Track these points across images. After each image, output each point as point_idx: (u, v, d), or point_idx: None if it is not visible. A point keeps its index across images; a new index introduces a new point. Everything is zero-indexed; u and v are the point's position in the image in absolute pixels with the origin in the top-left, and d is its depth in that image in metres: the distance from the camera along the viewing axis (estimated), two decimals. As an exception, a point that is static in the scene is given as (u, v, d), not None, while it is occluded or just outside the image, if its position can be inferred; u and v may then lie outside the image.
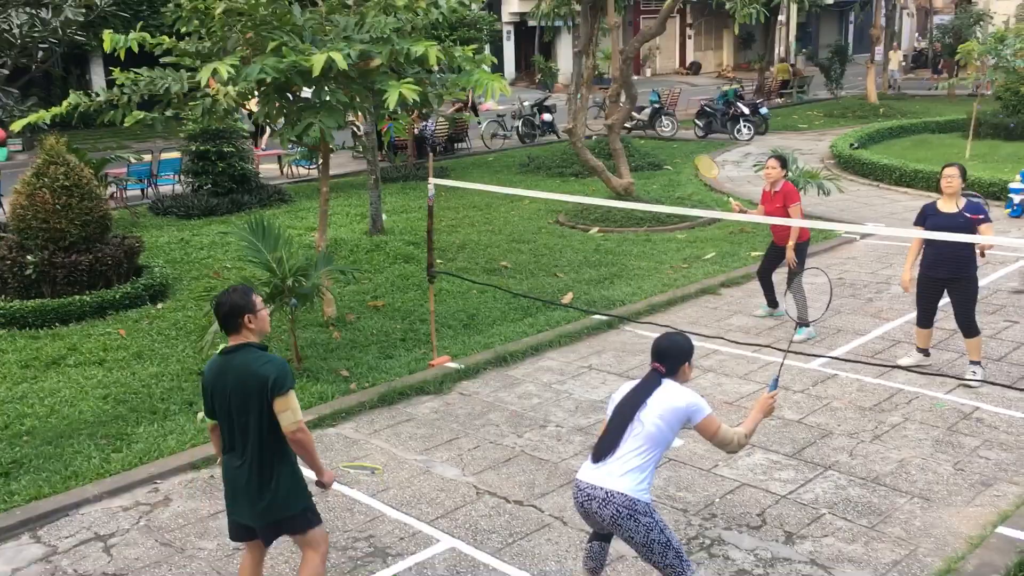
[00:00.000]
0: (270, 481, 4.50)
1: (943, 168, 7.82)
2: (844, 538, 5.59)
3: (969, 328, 7.76)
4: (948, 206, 7.65)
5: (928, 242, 7.70)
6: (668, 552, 4.39)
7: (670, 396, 4.43)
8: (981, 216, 7.58)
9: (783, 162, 9.08)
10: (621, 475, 4.37)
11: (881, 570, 5.26)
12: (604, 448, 4.46)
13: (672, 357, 4.54)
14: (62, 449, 7.01)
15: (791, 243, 8.91)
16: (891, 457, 6.58)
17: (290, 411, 4.41)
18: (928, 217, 7.73)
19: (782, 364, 5.30)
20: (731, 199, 11.07)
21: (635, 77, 24.82)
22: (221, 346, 4.69)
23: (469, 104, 24.94)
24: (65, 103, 8.88)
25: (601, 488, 4.38)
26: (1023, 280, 10.27)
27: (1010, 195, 14.61)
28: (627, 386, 4.62)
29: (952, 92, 30.53)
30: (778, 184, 9.02)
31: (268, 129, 18.96)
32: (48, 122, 8.90)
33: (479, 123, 24.14)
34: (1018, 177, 14.81)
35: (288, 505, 4.56)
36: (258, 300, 4.63)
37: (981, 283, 10.44)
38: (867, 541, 5.55)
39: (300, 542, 4.70)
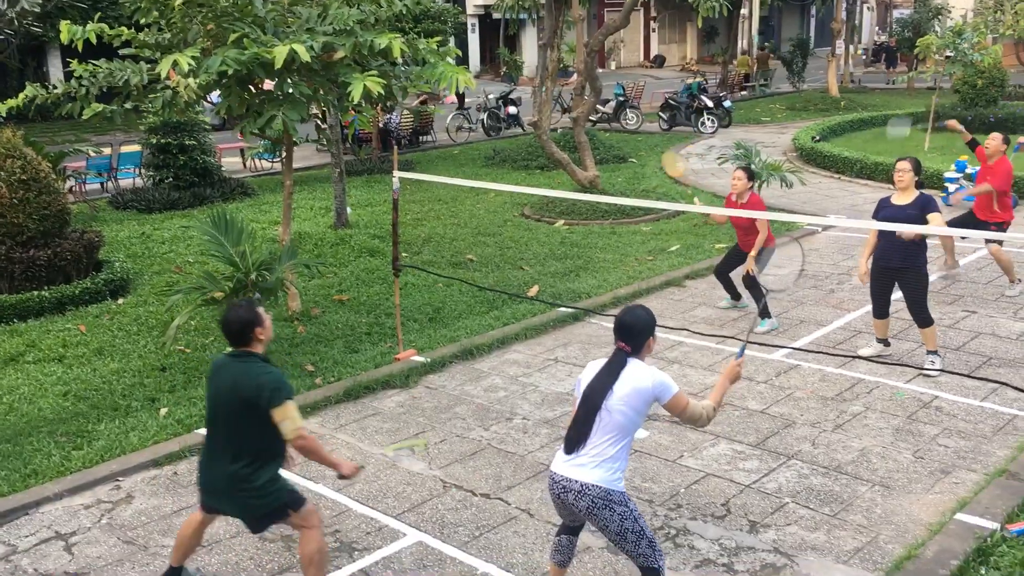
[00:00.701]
0: (247, 486, 4.65)
1: (896, 162, 7.94)
2: (807, 526, 5.67)
3: (923, 318, 7.88)
4: (901, 199, 7.78)
5: (880, 234, 7.84)
6: (641, 541, 4.42)
7: (636, 379, 4.38)
8: (931, 210, 7.67)
9: (750, 174, 8.97)
10: (594, 467, 4.37)
11: (843, 557, 5.34)
12: (574, 440, 4.44)
13: (636, 332, 4.47)
14: (21, 447, 6.90)
15: (754, 253, 8.91)
16: (852, 446, 6.67)
17: (289, 420, 4.56)
18: (882, 210, 7.88)
19: (749, 332, 5.33)
20: (696, 199, 11.15)
21: (600, 70, 24.85)
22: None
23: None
24: (21, 95, 8.73)
25: (576, 481, 4.38)
26: (944, 268, 10.59)
27: (946, 184, 15.12)
28: (594, 366, 4.58)
29: (911, 85, 30.96)
30: (744, 195, 8.95)
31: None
32: (4, 115, 8.75)
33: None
34: (953, 167, 15.31)
35: (266, 504, 4.71)
36: (262, 311, 4.82)
37: (940, 274, 10.62)
38: (829, 529, 5.63)
39: (291, 525, 4.86)
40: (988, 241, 10.00)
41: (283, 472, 4.85)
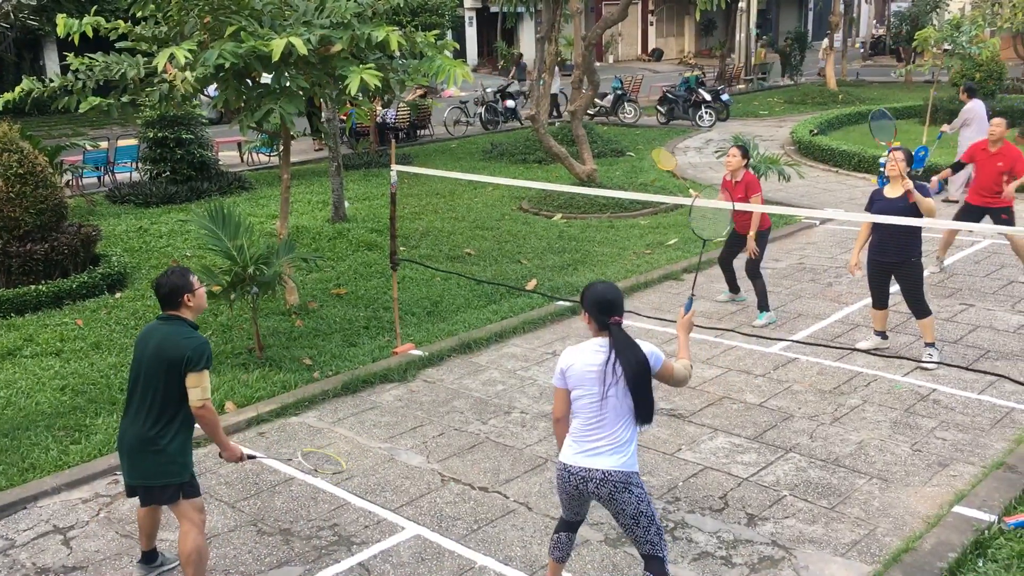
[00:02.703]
0: (156, 448, 4.76)
1: (888, 152, 7.96)
2: (805, 519, 5.67)
3: (920, 310, 7.90)
4: (892, 191, 7.78)
5: (875, 227, 7.87)
6: (652, 527, 4.41)
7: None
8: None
9: (744, 151, 9.07)
10: (611, 452, 4.35)
11: (841, 550, 5.34)
12: (592, 434, 4.38)
13: (620, 304, 4.40)
14: (19, 441, 6.89)
15: (752, 232, 8.97)
16: (850, 439, 6.68)
17: (200, 388, 4.72)
18: (875, 202, 7.89)
19: (695, 277, 5.42)
20: (691, 190, 11.13)
21: (597, 63, 24.81)
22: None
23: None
24: (18, 89, 8.71)
25: (598, 470, 4.35)
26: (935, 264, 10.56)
27: (880, 168, 15.06)
28: (587, 354, 4.42)
29: (909, 78, 30.92)
30: (739, 173, 9.02)
31: None
32: (0, 109, 8.72)
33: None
34: (886, 152, 15.18)
35: (166, 474, 4.82)
36: (195, 279, 4.96)
37: (932, 269, 10.62)
38: (827, 522, 5.64)
39: (174, 512, 4.94)
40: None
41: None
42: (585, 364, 4.41)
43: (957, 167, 10.86)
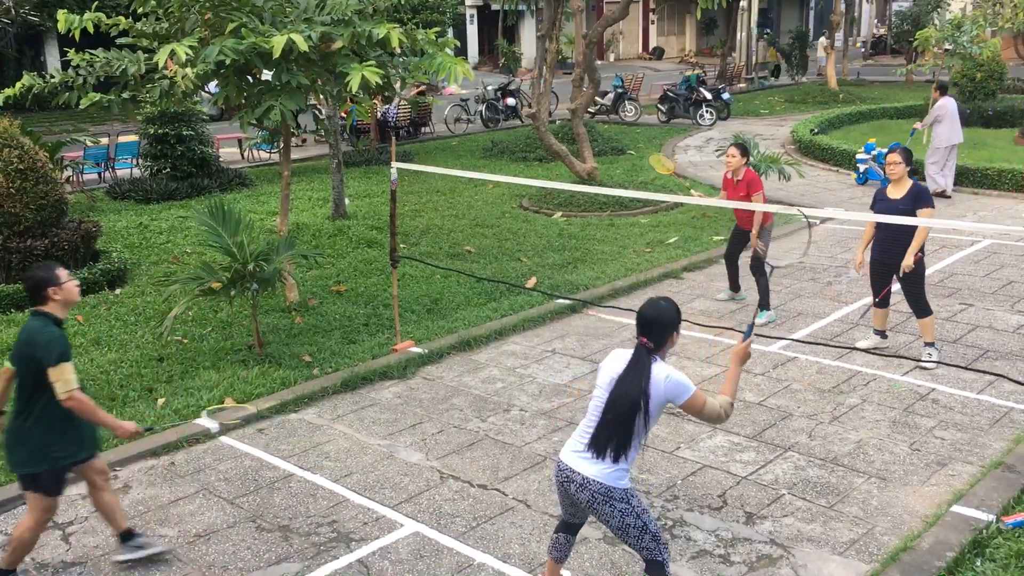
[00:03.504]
0: (22, 438, 4.96)
1: (886, 154, 7.96)
2: (803, 518, 5.68)
3: (920, 309, 7.90)
4: (895, 192, 7.79)
5: (877, 226, 7.88)
6: (644, 536, 4.39)
7: (656, 384, 4.24)
8: (922, 204, 7.66)
9: (743, 149, 9.08)
10: (597, 461, 4.32)
11: (839, 548, 5.35)
12: (601, 443, 4.33)
13: (659, 327, 4.28)
14: (18, 437, 6.89)
15: (755, 229, 8.97)
16: (849, 438, 6.68)
17: (61, 382, 4.79)
18: (877, 202, 7.91)
19: (756, 312, 5.33)
20: (694, 191, 11.13)
21: (598, 62, 24.79)
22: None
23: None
24: (19, 84, 8.71)
25: (579, 473, 4.35)
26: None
27: (857, 164, 15.75)
28: (618, 358, 4.40)
29: (910, 78, 30.92)
30: (740, 172, 9.03)
31: None
32: (1, 104, 8.73)
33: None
34: (862, 149, 15.86)
35: (28, 463, 4.98)
36: (63, 273, 4.99)
37: (937, 267, 10.64)
38: (825, 520, 5.64)
39: (28, 500, 5.11)
40: None
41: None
42: (610, 368, 4.40)
43: None
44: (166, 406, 7.33)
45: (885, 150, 14.87)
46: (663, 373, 4.26)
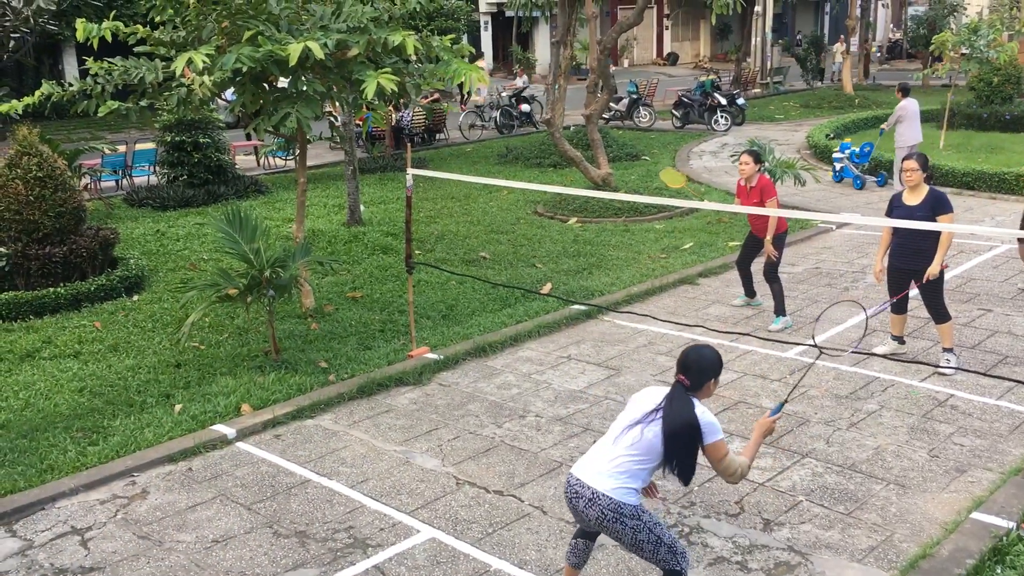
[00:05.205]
0: None
1: (903, 161, 7.92)
2: (821, 525, 5.65)
3: (940, 314, 7.85)
4: (911, 199, 7.74)
5: (895, 232, 7.82)
6: (659, 548, 4.34)
7: (684, 414, 4.26)
8: (941, 210, 7.60)
9: (756, 157, 9.05)
10: (609, 475, 4.30)
11: (857, 556, 5.31)
12: (602, 450, 4.38)
13: (698, 371, 4.36)
14: (37, 442, 6.94)
15: (769, 236, 8.94)
16: (867, 444, 6.64)
17: None
18: (894, 209, 7.86)
19: (793, 388, 5.31)
20: (704, 199, 11.07)
21: (613, 68, 24.79)
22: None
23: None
24: (38, 93, 8.77)
25: (588, 487, 4.32)
26: None
27: (833, 163, 16.38)
28: (653, 398, 4.42)
29: (926, 82, 30.77)
30: (753, 179, 9.00)
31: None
32: (20, 112, 8.79)
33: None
34: (838, 148, 16.49)
35: None
36: None
37: (955, 272, 10.57)
38: (844, 527, 5.61)
39: None
40: None
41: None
42: (644, 403, 4.43)
43: None
44: (183, 412, 7.37)
45: (857, 149, 16.25)
46: (699, 409, 4.30)
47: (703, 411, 4.31)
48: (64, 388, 8.00)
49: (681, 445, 4.26)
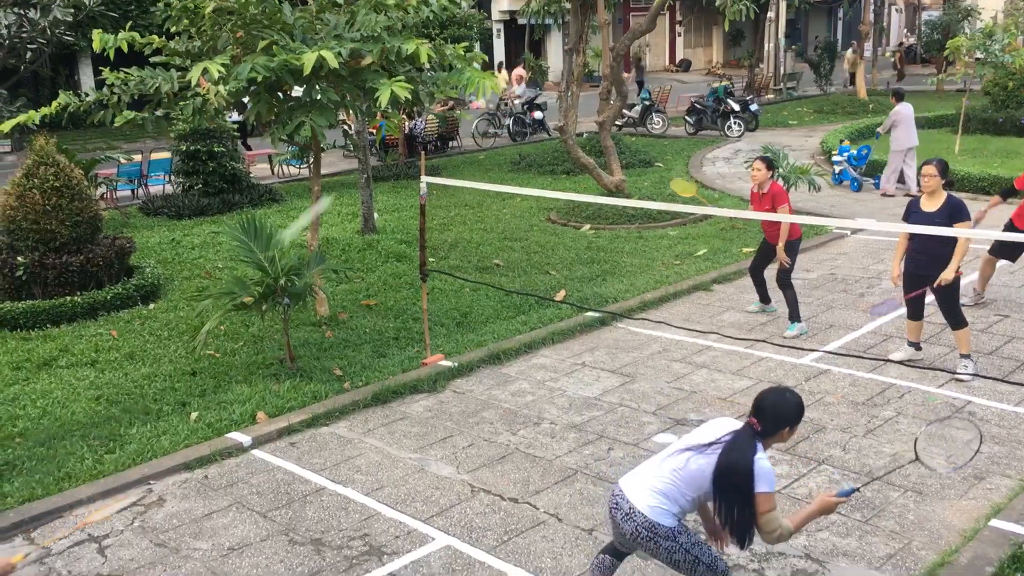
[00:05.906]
0: None
1: (921, 166, 7.87)
2: (838, 532, 5.61)
3: (956, 321, 7.80)
4: (929, 205, 7.70)
5: (911, 237, 7.77)
6: (698, 567, 4.27)
7: (740, 456, 4.14)
8: (959, 217, 7.54)
9: (769, 163, 9.02)
10: (649, 493, 4.25)
11: (875, 564, 5.28)
12: (650, 467, 4.33)
13: (774, 417, 4.16)
14: (55, 450, 6.99)
15: (781, 243, 8.91)
16: (884, 451, 6.61)
17: None
18: (911, 214, 7.80)
19: (866, 484, 5.20)
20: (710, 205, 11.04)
21: (626, 75, 24.76)
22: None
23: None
24: (54, 103, 8.84)
25: (628, 501, 4.28)
26: (974, 295, 9.81)
27: (833, 166, 16.78)
28: (722, 429, 4.29)
29: (941, 87, 30.64)
30: (765, 185, 8.97)
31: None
32: (37, 123, 8.86)
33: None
34: (835, 151, 16.90)
35: None
36: None
37: (972, 278, 10.50)
38: (861, 535, 5.57)
39: None
40: None
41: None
42: (709, 426, 4.37)
43: (1008, 193, 10.29)
44: (199, 420, 7.40)
45: (855, 152, 16.67)
46: (759, 455, 4.14)
47: (762, 458, 4.13)
48: (81, 396, 8.05)
49: (729, 488, 4.12)
